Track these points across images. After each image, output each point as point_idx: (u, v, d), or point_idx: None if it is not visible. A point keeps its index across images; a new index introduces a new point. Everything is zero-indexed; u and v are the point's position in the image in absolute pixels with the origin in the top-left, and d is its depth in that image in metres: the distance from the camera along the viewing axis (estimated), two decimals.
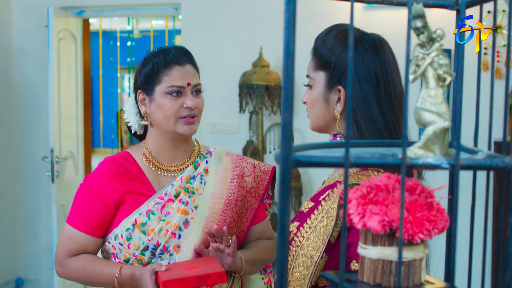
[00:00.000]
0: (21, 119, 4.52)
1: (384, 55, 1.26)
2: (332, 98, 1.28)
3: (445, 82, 0.66)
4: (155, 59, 1.62)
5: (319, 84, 1.30)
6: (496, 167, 0.63)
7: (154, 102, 1.62)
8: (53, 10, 4.07)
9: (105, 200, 1.61)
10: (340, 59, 1.26)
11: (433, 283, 0.69)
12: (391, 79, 1.26)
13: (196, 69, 1.68)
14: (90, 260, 1.61)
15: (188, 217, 1.61)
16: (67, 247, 1.62)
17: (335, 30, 1.29)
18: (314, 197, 1.27)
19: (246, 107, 3.88)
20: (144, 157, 1.68)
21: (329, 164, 0.63)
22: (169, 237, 1.58)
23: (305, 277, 1.18)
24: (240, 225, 1.68)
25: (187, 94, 1.62)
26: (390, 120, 1.24)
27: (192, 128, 1.64)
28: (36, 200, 4.53)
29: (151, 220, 1.59)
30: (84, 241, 1.62)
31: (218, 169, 1.71)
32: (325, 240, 1.17)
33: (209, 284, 1.42)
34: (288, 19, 0.58)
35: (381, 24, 3.60)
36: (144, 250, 1.58)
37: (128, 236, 1.59)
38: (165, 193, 1.63)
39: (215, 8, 4.09)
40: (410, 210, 0.66)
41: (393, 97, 1.25)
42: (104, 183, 1.63)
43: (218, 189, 1.67)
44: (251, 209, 1.71)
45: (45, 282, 4.55)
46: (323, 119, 1.31)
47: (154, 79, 1.61)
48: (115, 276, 1.54)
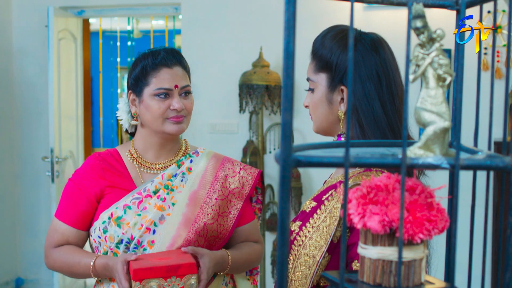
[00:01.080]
0: (21, 119, 4.52)
1: (384, 53, 1.27)
2: (335, 99, 1.28)
3: (445, 82, 0.66)
4: (144, 61, 1.66)
5: (321, 86, 1.30)
6: (496, 167, 0.63)
7: (143, 103, 1.66)
8: (53, 10, 4.07)
9: (88, 193, 1.67)
10: (340, 59, 1.26)
11: (433, 283, 0.69)
12: (392, 77, 1.26)
13: (186, 70, 1.71)
14: (71, 251, 1.66)
15: (164, 213, 1.64)
16: (52, 238, 1.69)
17: (333, 31, 1.30)
18: (317, 196, 1.27)
19: (246, 107, 3.88)
20: (129, 154, 1.73)
21: (329, 164, 0.63)
22: (144, 231, 1.61)
23: (307, 276, 1.19)
24: (222, 223, 1.69)
25: (174, 96, 1.64)
26: (392, 117, 1.24)
27: (180, 127, 1.66)
28: (36, 200, 4.53)
29: (126, 214, 1.63)
30: (68, 233, 1.67)
31: (202, 169, 1.73)
32: (328, 240, 1.17)
33: (179, 275, 1.45)
34: (288, 19, 0.58)
35: (381, 24, 3.60)
36: (118, 243, 1.62)
37: (105, 229, 1.63)
38: (144, 189, 1.67)
39: (215, 8, 4.09)
40: (410, 210, 0.66)
41: (395, 95, 1.25)
42: (88, 177, 1.69)
43: (199, 187, 1.69)
44: (234, 209, 1.72)
45: (45, 282, 4.55)
46: (327, 120, 1.31)
47: (143, 81, 1.65)
48: (90, 266, 1.59)
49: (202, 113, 4.04)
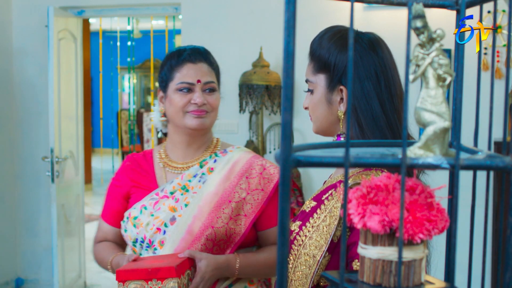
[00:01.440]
0: (21, 119, 4.52)
1: (382, 52, 1.27)
2: (334, 99, 1.29)
3: (445, 82, 0.66)
4: (170, 58, 1.70)
5: (320, 86, 1.30)
6: (496, 167, 0.63)
7: (167, 98, 1.69)
8: (53, 10, 4.07)
9: (120, 193, 1.76)
10: (338, 59, 1.26)
11: (433, 283, 0.69)
12: (391, 76, 1.26)
13: (212, 67, 1.71)
14: (103, 247, 1.76)
15: (175, 214, 1.63)
16: (96, 235, 1.83)
17: (331, 32, 1.30)
18: (317, 196, 1.27)
19: (246, 107, 3.88)
20: (158, 154, 1.77)
21: (329, 164, 0.63)
22: (154, 232, 1.63)
23: (307, 276, 1.19)
24: (233, 226, 1.62)
25: (196, 91, 1.65)
26: (391, 117, 1.24)
27: (201, 122, 1.65)
28: (36, 200, 4.53)
29: (142, 214, 1.66)
30: (106, 230, 1.79)
31: (224, 169, 1.68)
32: (328, 239, 1.17)
33: (159, 278, 1.46)
34: (288, 19, 0.58)
35: (381, 24, 3.60)
36: (135, 242, 1.67)
37: (125, 227, 1.70)
38: (162, 189, 1.69)
39: (215, 8, 4.09)
40: (410, 210, 0.66)
41: (393, 94, 1.26)
42: (120, 178, 1.78)
43: (215, 188, 1.64)
44: (251, 212, 1.64)
45: (45, 282, 4.54)
46: (326, 120, 1.31)
47: (169, 76, 1.68)
48: (108, 264, 1.66)
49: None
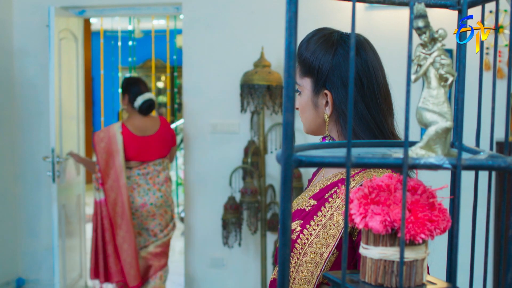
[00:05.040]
0: (22, 119, 4.52)
1: (365, 53, 1.28)
2: (320, 103, 1.31)
3: (447, 82, 0.66)
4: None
5: (307, 90, 1.32)
6: (498, 167, 0.63)
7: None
8: (54, 10, 4.07)
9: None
10: (322, 63, 1.28)
11: (435, 283, 0.69)
12: (374, 76, 1.28)
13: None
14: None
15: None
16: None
17: (318, 35, 1.31)
18: (316, 195, 1.28)
19: (248, 107, 3.88)
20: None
21: (330, 164, 0.63)
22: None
23: (313, 274, 1.20)
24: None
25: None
26: (377, 116, 1.26)
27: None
28: (37, 200, 4.53)
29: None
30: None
31: None
32: (337, 237, 1.18)
33: None
34: (289, 19, 0.58)
35: (382, 24, 3.60)
36: None
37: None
38: None
39: (216, 8, 4.09)
40: (412, 210, 0.66)
41: (377, 94, 1.27)
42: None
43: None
44: None
45: (46, 282, 4.55)
46: (314, 123, 1.34)
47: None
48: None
49: (203, 113, 4.04)
